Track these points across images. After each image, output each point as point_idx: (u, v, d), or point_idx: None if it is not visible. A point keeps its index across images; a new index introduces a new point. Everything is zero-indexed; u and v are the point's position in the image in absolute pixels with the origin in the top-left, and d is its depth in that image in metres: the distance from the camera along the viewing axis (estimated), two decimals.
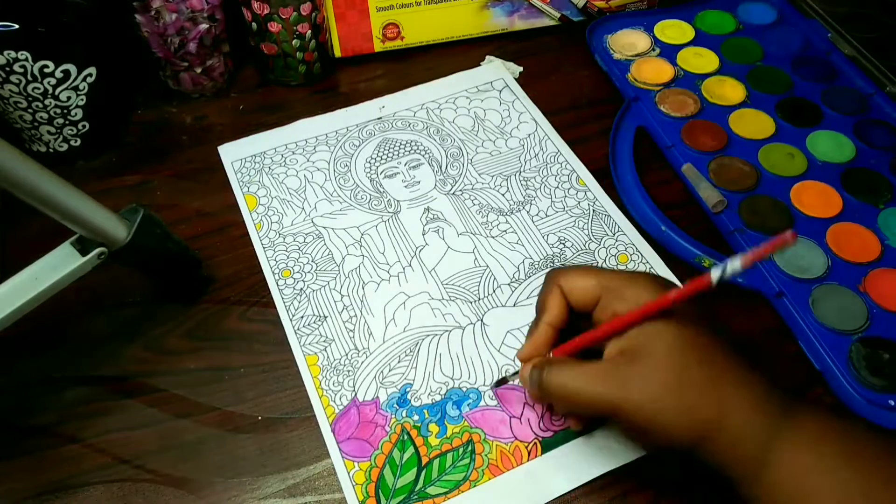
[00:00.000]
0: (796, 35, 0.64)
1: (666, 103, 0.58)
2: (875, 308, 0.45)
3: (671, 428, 0.32)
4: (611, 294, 0.35)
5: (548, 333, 0.37)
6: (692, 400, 0.32)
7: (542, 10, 0.64)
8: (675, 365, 0.32)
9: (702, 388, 0.32)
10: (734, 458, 0.32)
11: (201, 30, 0.56)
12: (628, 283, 0.35)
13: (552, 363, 0.35)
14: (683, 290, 0.32)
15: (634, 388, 0.32)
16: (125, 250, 0.39)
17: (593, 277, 0.36)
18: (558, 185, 0.53)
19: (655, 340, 0.33)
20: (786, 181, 0.52)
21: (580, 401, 0.34)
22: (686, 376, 0.32)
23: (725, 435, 0.32)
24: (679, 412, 0.32)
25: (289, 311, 0.46)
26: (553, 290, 0.37)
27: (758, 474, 0.31)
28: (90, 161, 0.56)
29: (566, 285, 0.36)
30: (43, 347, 0.45)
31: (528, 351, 0.37)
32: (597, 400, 0.33)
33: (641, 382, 0.32)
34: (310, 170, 0.55)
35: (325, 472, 0.40)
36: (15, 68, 0.48)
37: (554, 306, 0.37)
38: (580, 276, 0.36)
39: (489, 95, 0.60)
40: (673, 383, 0.32)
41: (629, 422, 0.33)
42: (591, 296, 0.36)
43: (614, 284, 0.35)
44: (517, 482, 0.39)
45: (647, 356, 0.33)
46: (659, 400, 0.32)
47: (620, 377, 0.33)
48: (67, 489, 0.39)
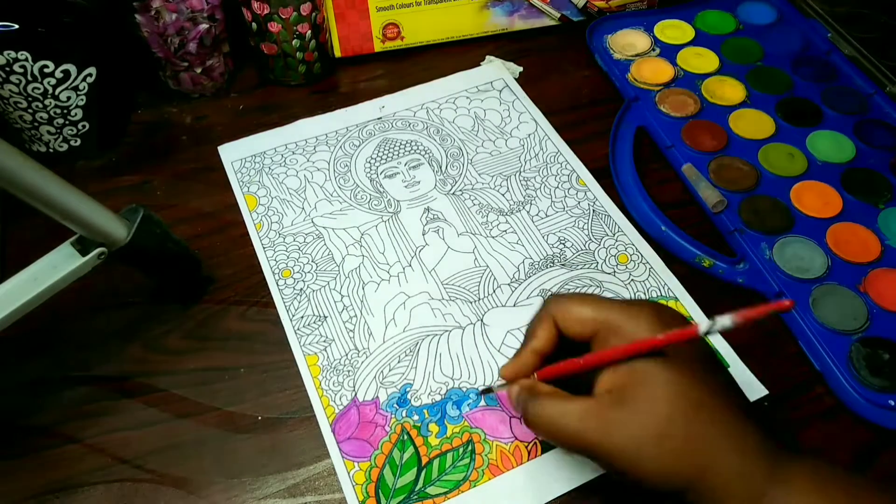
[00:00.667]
0: (796, 35, 0.64)
1: (666, 103, 0.58)
2: (875, 308, 0.45)
3: (650, 476, 0.31)
4: (608, 329, 0.34)
5: (532, 360, 0.36)
6: (675, 453, 0.31)
7: (542, 10, 0.64)
8: (662, 415, 0.31)
9: (686, 442, 0.31)
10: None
11: (201, 30, 0.56)
12: (626, 318, 0.34)
13: (539, 395, 0.34)
14: (670, 335, 0.31)
15: (616, 433, 0.31)
16: (125, 250, 0.39)
17: (591, 310, 0.34)
18: (558, 185, 0.53)
19: (644, 384, 0.32)
20: (786, 181, 0.52)
21: (561, 438, 0.33)
22: (671, 428, 0.31)
23: (710, 489, 0.31)
24: (659, 464, 0.31)
25: (289, 311, 0.46)
26: (545, 319, 0.36)
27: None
28: (90, 161, 0.56)
29: (560, 316, 0.35)
30: (43, 347, 0.45)
31: (510, 372, 0.37)
32: (578, 439, 0.32)
33: (624, 429, 0.31)
34: (310, 170, 0.55)
35: (325, 472, 0.40)
36: (15, 68, 0.48)
37: (542, 336, 0.36)
38: (577, 307, 0.35)
39: (489, 95, 0.60)
40: (655, 435, 0.31)
41: (609, 464, 0.32)
42: (587, 329, 0.35)
43: (613, 319, 0.34)
44: (517, 482, 0.39)
45: (633, 400, 0.32)
46: (639, 449, 0.31)
47: (604, 418, 0.32)
48: (67, 489, 0.39)
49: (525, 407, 0.35)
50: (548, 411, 0.33)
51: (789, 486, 0.31)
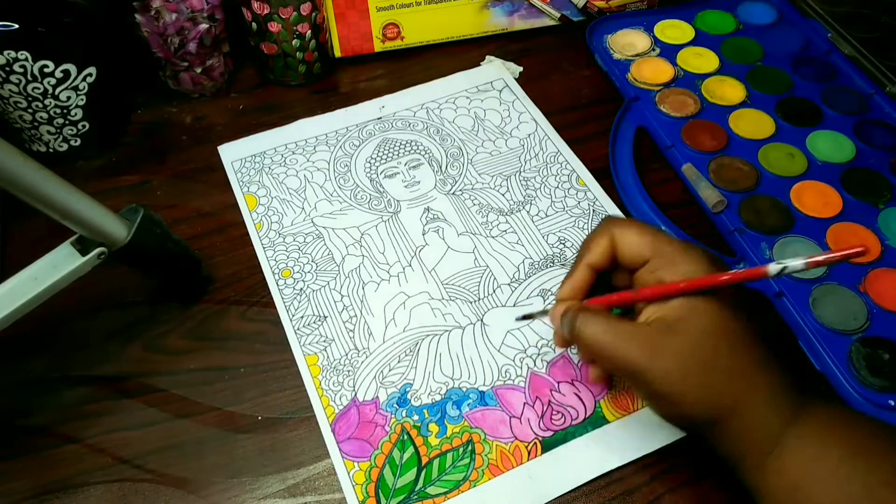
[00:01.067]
0: (796, 35, 0.64)
1: (666, 103, 0.58)
2: (875, 308, 0.45)
3: (691, 405, 0.32)
4: (662, 259, 0.35)
5: (587, 275, 0.37)
6: (716, 384, 0.32)
7: (542, 10, 0.64)
8: (708, 347, 0.32)
9: (727, 375, 0.32)
10: (743, 445, 0.32)
11: (201, 30, 0.56)
12: (682, 253, 0.34)
13: (586, 312, 0.35)
14: (737, 275, 0.32)
15: (665, 357, 0.32)
16: (125, 250, 0.39)
17: (649, 237, 0.35)
18: (558, 185, 0.53)
19: (695, 318, 0.33)
20: (786, 181, 0.52)
21: (608, 355, 0.34)
22: (715, 361, 0.32)
23: (739, 422, 0.32)
24: (701, 392, 0.32)
25: (289, 311, 0.46)
26: (603, 235, 0.36)
27: (763, 462, 0.32)
28: (90, 161, 0.56)
29: (619, 236, 0.36)
30: (43, 347, 0.45)
31: (565, 291, 0.37)
32: (624, 358, 0.33)
33: (672, 355, 0.32)
34: (310, 170, 0.55)
35: (325, 472, 0.40)
36: (15, 68, 0.48)
37: (599, 251, 0.36)
38: (636, 231, 0.36)
39: (489, 95, 0.60)
40: (702, 364, 0.32)
41: (651, 387, 0.33)
42: (641, 254, 0.35)
43: (668, 251, 0.35)
44: (517, 482, 0.39)
45: (683, 330, 0.33)
46: (685, 376, 0.32)
47: (653, 343, 0.33)
48: (67, 489, 0.39)
49: (573, 322, 0.35)
50: (599, 327, 0.34)
51: (804, 428, 0.32)
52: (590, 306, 0.36)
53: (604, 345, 0.34)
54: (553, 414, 0.41)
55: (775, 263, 0.31)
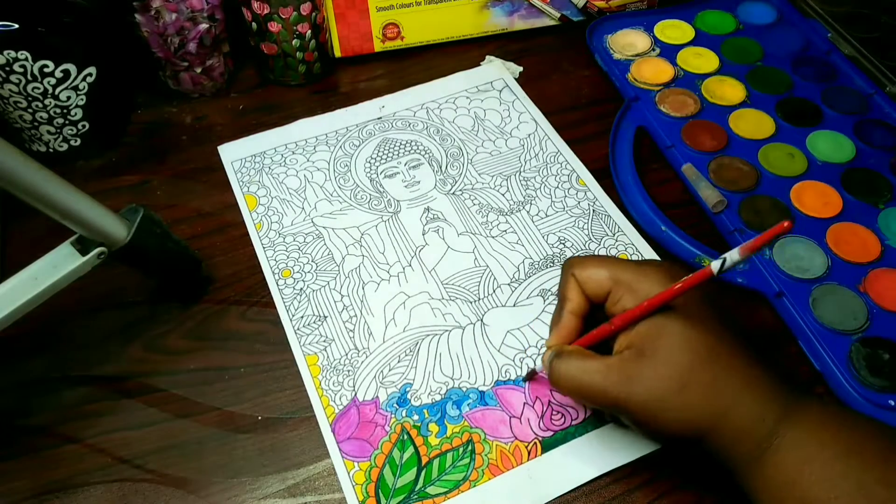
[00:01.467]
0: (796, 35, 0.64)
1: (666, 103, 0.58)
2: (875, 308, 0.45)
3: (673, 424, 0.33)
4: (621, 287, 0.35)
5: (572, 322, 0.37)
6: (694, 399, 0.32)
7: (542, 10, 0.64)
8: (679, 364, 0.32)
9: (704, 388, 0.32)
10: (734, 451, 0.33)
11: (201, 30, 0.56)
12: (639, 276, 0.35)
13: (563, 353, 0.36)
14: (685, 282, 0.32)
15: (638, 385, 0.33)
16: (125, 250, 0.39)
17: (606, 269, 0.36)
18: (558, 185, 0.53)
19: (661, 337, 0.33)
20: (786, 181, 0.52)
21: (586, 393, 0.35)
22: (689, 376, 0.32)
23: (727, 430, 0.32)
24: (681, 411, 0.32)
25: (289, 311, 0.46)
26: (570, 280, 0.37)
27: (756, 464, 0.32)
28: (90, 161, 0.56)
29: (579, 275, 0.37)
30: (43, 347, 0.45)
31: (554, 340, 0.38)
32: (602, 394, 0.34)
33: (645, 380, 0.33)
34: (310, 170, 0.55)
35: (325, 472, 0.40)
36: (15, 68, 0.48)
37: (574, 297, 0.37)
38: (593, 266, 0.37)
39: (489, 95, 0.60)
40: (676, 383, 0.32)
41: (632, 416, 0.34)
42: (603, 288, 0.36)
43: (625, 277, 0.35)
44: (517, 482, 0.39)
45: (651, 353, 0.33)
46: (661, 399, 0.32)
47: (625, 373, 0.33)
48: (67, 489, 0.39)
49: (551, 366, 0.36)
50: (572, 368, 0.35)
51: (798, 426, 0.32)
52: (565, 348, 0.37)
53: (579, 383, 0.35)
54: (553, 414, 0.41)
55: (716, 261, 0.31)
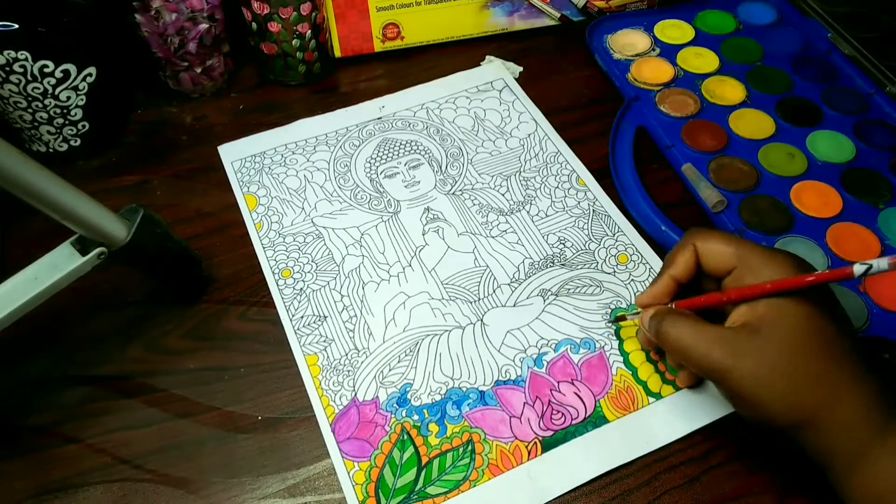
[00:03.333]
0: (796, 35, 0.64)
1: (666, 103, 0.58)
2: (875, 308, 0.45)
3: (773, 408, 0.32)
4: (747, 267, 0.35)
5: (669, 285, 0.38)
6: (801, 388, 0.32)
7: (542, 10, 0.64)
8: (793, 350, 0.32)
9: (813, 379, 0.32)
10: (830, 449, 0.32)
11: (201, 30, 0.56)
12: (767, 260, 0.35)
13: (673, 314, 0.36)
14: (822, 275, 0.32)
15: (748, 360, 0.32)
16: (125, 250, 0.39)
17: (733, 246, 0.36)
18: (558, 185, 0.53)
19: (781, 320, 0.33)
20: (786, 181, 0.52)
21: (692, 357, 0.35)
22: (801, 364, 0.32)
23: (826, 427, 0.32)
24: (784, 396, 0.32)
25: (289, 311, 0.46)
26: (686, 247, 0.37)
27: (850, 470, 0.32)
28: (90, 161, 0.56)
29: (702, 247, 0.37)
30: (43, 347, 0.45)
31: (646, 298, 0.39)
32: (708, 360, 0.34)
33: (756, 358, 0.32)
34: (310, 170, 0.55)
35: (325, 472, 0.40)
36: (15, 68, 0.48)
37: (683, 262, 0.37)
38: (720, 241, 0.36)
39: (489, 95, 0.60)
40: (786, 368, 0.32)
41: (734, 390, 0.33)
42: (726, 263, 0.36)
43: (753, 259, 0.35)
44: (517, 482, 0.39)
45: (768, 333, 0.33)
46: (768, 380, 0.32)
47: (737, 346, 0.33)
48: (67, 489, 0.39)
49: (659, 325, 0.36)
50: (684, 331, 0.35)
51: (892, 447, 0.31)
52: (675, 309, 0.37)
53: (689, 346, 0.35)
54: (553, 414, 0.41)
55: (860, 264, 0.31)
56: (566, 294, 0.47)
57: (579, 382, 0.43)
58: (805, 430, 0.33)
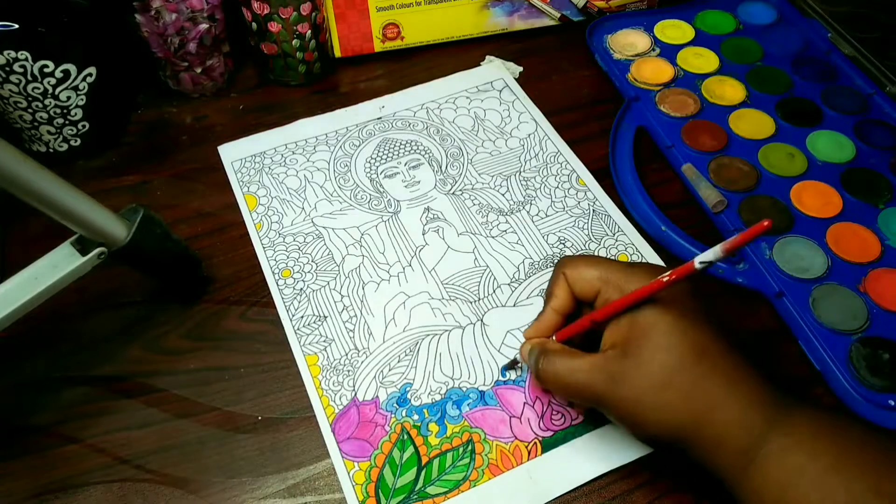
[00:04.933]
0: (796, 35, 0.64)
1: (666, 103, 0.58)
2: (875, 308, 0.45)
3: (652, 424, 0.33)
4: (610, 286, 0.36)
5: (553, 319, 0.38)
6: (674, 400, 0.32)
7: (542, 10, 0.64)
8: (661, 363, 0.32)
9: (685, 389, 0.32)
10: (717, 459, 0.32)
11: (201, 30, 0.56)
12: (627, 276, 0.35)
13: (548, 352, 0.36)
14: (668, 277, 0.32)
15: (620, 383, 0.33)
16: (125, 250, 0.39)
17: (595, 269, 0.36)
18: (558, 185, 0.53)
19: (645, 336, 0.33)
20: (786, 181, 0.52)
21: (570, 391, 0.36)
22: (671, 376, 0.32)
23: (706, 437, 0.32)
24: (660, 410, 0.32)
25: (289, 311, 0.46)
26: (559, 278, 0.38)
27: (744, 474, 0.31)
28: (90, 161, 0.56)
29: (570, 275, 0.37)
30: (43, 347, 0.45)
31: (532, 332, 0.39)
32: (585, 392, 0.34)
33: (626, 380, 0.33)
34: (310, 170, 0.55)
35: (325, 472, 0.40)
36: (15, 68, 0.48)
37: (560, 294, 0.38)
38: (585, 265, 0.37)
39: (489, 95, 0.60)
40: (657, 382, 0.32)
41: (615, 414, 0.34)
42: (592, 287, 0.36)
43: (614, 277, 0.36)
44: (517, 482, 0.39)
45: (635, 352, 0.33)
46: (639, 400, 0.32)
47: (608, 371, 0.33)
48: (67, 489, 0.39)
49: (536, 363, 0.37)
50: (557, 366, 0.35)
51: (788, 435, 0.31)
52: (550, 346, 0.37)
53: (563, 382, 0.35)
54: (553, 414, 0.41)
55: (698, 261, 0.31)
56: None
57: None
58: (689, 445, 0.32)
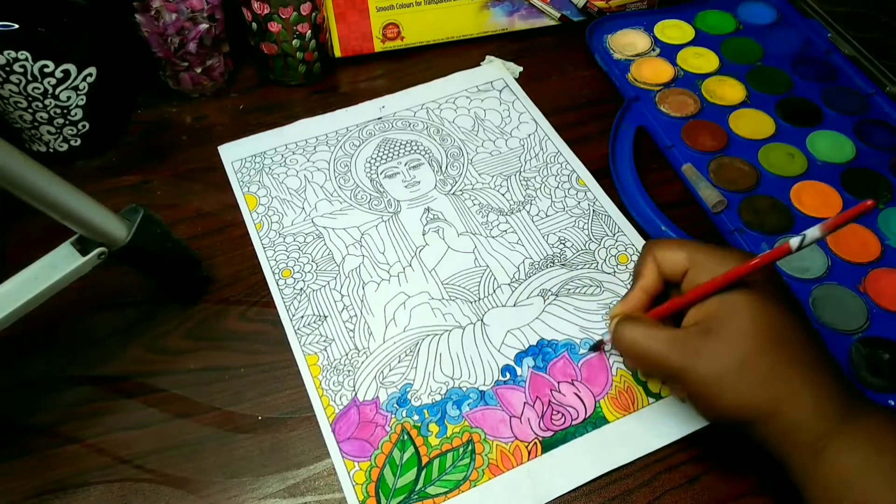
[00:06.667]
0: (796, 35, 0.64)
1: (666, 103, 0.58)
2: (875, 308, 0.45)
3: (727, 403, 0.33)
4: (698, 267, 0.36)
5: (640, 298, 0.38)
6: (752, 386, 0.32)
7: (542, 10, 0.64)
8: (743, 347, 0.32)
9: (764, 376, 0.32)
10: (787, 444, 0.32)
11: (201, 30, 0.56)
12: (717, 258, 0.35)
13: (629, 319, 0.37)
14: (762, 257, 0.33)
15: (700, 360, 0.33)
16: (125, 250, 0.39)
17: (684, 250, 0.37)
18: (558, 185, 0.53)
19: (731, 316, 0.33)
20: (786, 181, 0.52)
21: (647, 360, 0.35)
22: (751, 361, 0.32)
23: (781, 424, 0.32)
24: (737, 394, 0.32)
25: (289, 311, 0.46)
26: (648, 259, 0.38)
27: (810, 463, 0.32)
28: (90, 161, 0.56)
29: (659, 255, 0.38)
30: (43, 347, 0.45)
31: (619, 309, 0.39)
32: (662, 363, 0.34)
33: (707, 357, 0.33)
34: (310, 170, 0.55)
35: (325, 472, 0.40)
36: (15, 68, 0.48)
37: (648, 274, 0.38)
38: (673, 247, 0.37)
39: (489, 95, 0.60)
40: (736, 364, 0.32)
41: (689, 389, 0.34)
42: (680, 267, 0.37)
43: (703, 258, 0.36)
44: (517, 482, 0.39)
45: (719, 331, 0.33)
46: (719, 377, 0.32)
47: (689, 347, 0.33)
48: (67, 489, 0.39)
49: (615, 329, 0.37)
50: (637, 333, 0.36)
51: (858, 429, 0.32)
52: (634, 314, 0.38)
53: (641, 349, 0.35)
54: (553, 414, 0.41)
55: (795, 238, 0.31)
56: (566, 294, 0.47)
57: (579, 383, 0.43)
58: (761, 427, 0.33)
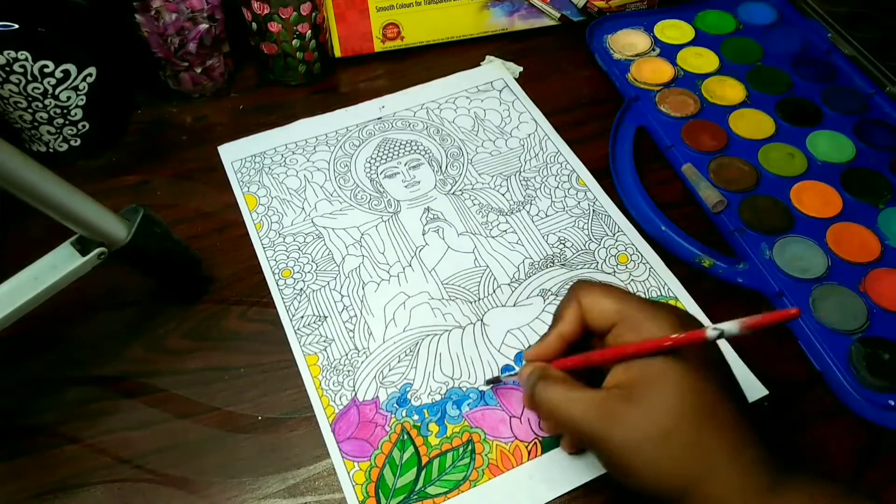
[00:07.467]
0: (796, 35, 0.64)
1: (666, 103, 0.58)
2: (875, 308, 0.45)
3: (645, 476, 0.31)
4: (627, 323, 0.33)
5: (557, 343, 0.36)
6: (673, 455, 0.30)
7: (542, 10, 0.64)
8: (667, 417, 0.30)
9: (686, 446, 0.30)
10: None
11: (201, 30, 0.56)
12: (649, 316, 0.33)
13: (548, 378, 0.34)
14: (680, 338, 0.31)
15: (619, 428, 0.31)
16: (125, 250, 0.39)
17: (615, 302, 0.34)
18: (558, 185, 0.53)
19: (656, 383, 0.31)
20: (786, 181, 0.52)
21: (564, 423, 0.33)
22: (674, 432, 0.30)
23: (704, 495, 0.30)
24: (656, 463, 0.30)
25: (289, 311, 0.46)
26: (571, 304, 0.36)
27: None
28: (90, 161, 0.56)
29: (585, 302, 0.35)
30: (43, 347, 0.45)
31: (533, 354, 0.37)
32: (580, 428, 0.32)
33: (627, 425, 0.31)
34: (310, 170, 0.55)
35: (325, 472, 0.40)
36: (15, 68, 0.48)
37: (569, 320, 0.36)
38: (602, 295, 0.35)
39: (489, 95, 0.60)
40: (658, 436, 0.30)
41: (606, 457, 0.32)
42: (607, 319, 0.34)
43: (634, 315, 0.33)
44: (517, 482, 0.39)
45: (640, 398, 0.31)
46: (640, 447, 0.31)
47: (609, 412, 0.31)
48: (67, 489, 0.39)
49: (533, 387, 0.35)
50: (554, 395, 0.34)
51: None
52: (551, 372, 0.35)
53: (558, 411, 0.33)
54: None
55: (712, 329, 0.30)
56: None
57: None
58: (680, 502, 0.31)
